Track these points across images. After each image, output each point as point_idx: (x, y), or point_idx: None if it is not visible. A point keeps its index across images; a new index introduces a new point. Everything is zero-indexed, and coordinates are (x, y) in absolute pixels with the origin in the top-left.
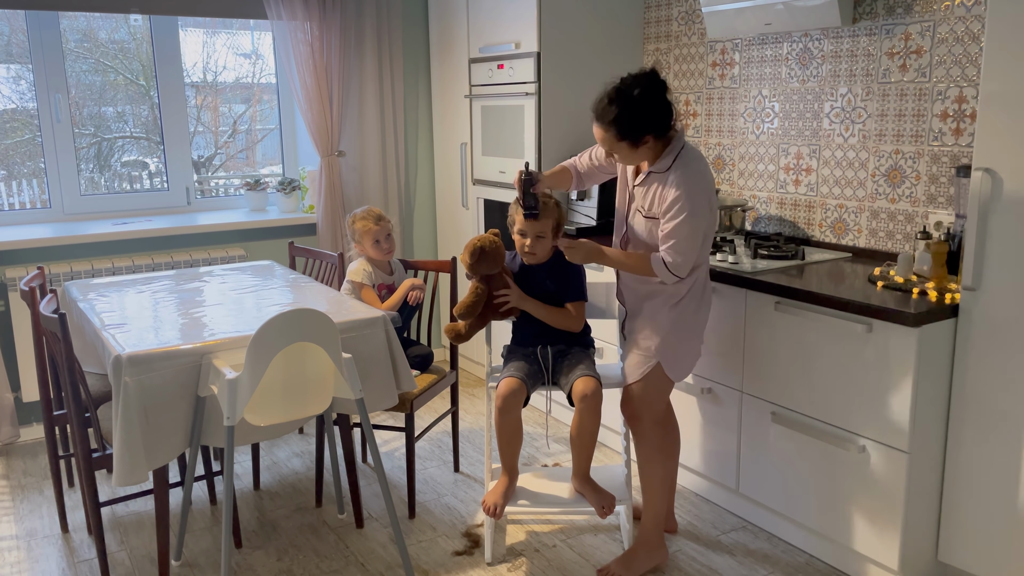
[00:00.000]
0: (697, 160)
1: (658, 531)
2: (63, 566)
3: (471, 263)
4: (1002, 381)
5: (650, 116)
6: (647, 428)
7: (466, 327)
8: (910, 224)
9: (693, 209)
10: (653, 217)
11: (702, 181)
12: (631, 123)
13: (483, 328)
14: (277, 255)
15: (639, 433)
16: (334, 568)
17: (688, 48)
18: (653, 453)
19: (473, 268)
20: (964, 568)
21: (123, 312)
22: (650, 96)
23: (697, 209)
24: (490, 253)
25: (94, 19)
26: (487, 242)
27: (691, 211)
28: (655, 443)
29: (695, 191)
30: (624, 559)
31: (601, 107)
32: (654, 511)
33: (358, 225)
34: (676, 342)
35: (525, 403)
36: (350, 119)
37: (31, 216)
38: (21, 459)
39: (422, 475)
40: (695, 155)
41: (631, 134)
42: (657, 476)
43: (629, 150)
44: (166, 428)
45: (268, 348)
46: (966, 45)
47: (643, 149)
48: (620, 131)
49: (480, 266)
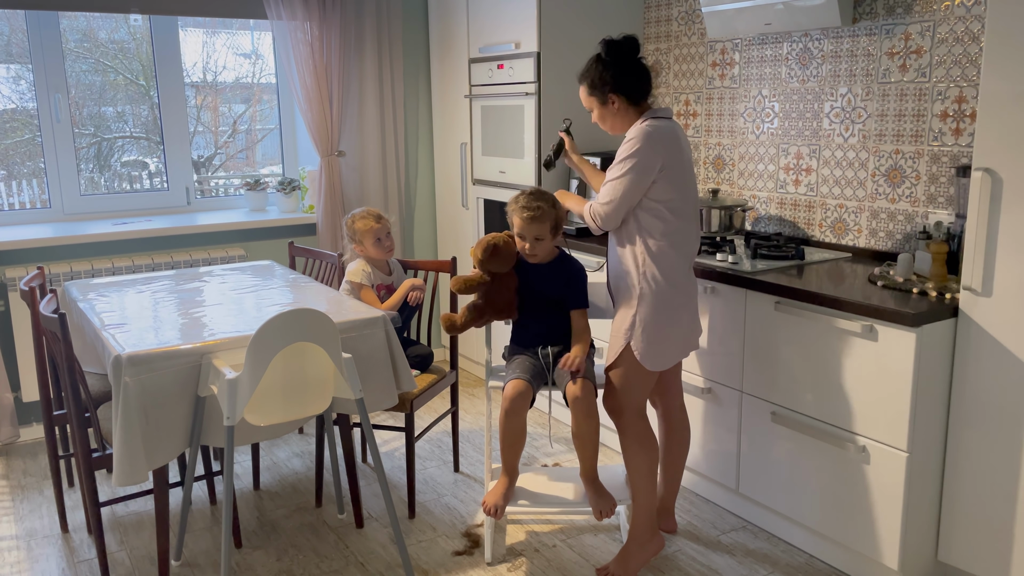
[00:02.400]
0: (661, 125)
1: (648, 524)
2: (63, 566)
3: (483, 258)
4: (1002, 381)
5: (616, 75)
6: (628, 421)
7: (462, 318)
8: (910, 224)
9: (634, 159)
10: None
11: (650, 140)
12: (599, 78)
13: (481, 325)
14: (277, 255)
15: (621, 427)
16: (334, 568)
17: (688, 48)
18: (635, 446)
19: (483, 264)
20: (964, 568)
21: (123, 312)
22: (619, 56)
23: (637, 160)
24: (503, 251)
25: (94, 19)
26: (501, 240)
27: (632, 160)
28: (637, 436)
29: (639, 148)
30: (620, 558)
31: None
32: (641, 504)
33: (359, 224)
34: (644, 325)
35: (531, 404)
36: (350, 119)
37: (31, 216)
38: (21, 459)
39: (422, 475)
40: (663, 123)
41: (598, 89)
42: (641, 469)
43: (600, 108)
44: (166, 428)
45: (268, 348)
46: (966, 45)
47: (613, 111)
48: (589, 86)
49: (491, 263)
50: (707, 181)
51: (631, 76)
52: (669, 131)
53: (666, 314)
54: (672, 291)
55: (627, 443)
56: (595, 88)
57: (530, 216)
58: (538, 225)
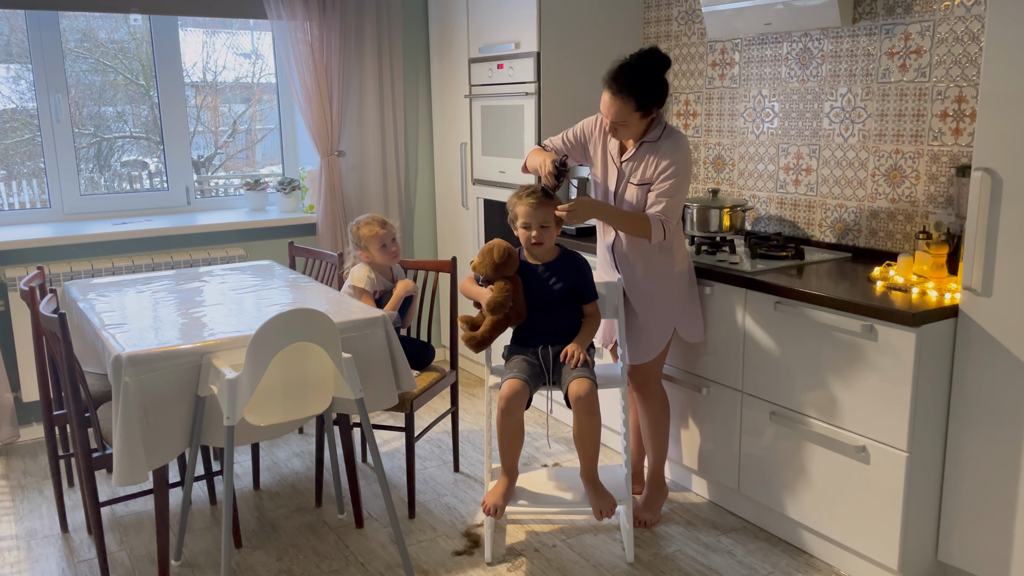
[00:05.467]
0: (681, 134)
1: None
2: (63, 566)
3: (498, 263)
4: (1002, 381)
5: (661, 90)
6: (655, 389)
7: (483, 333)
8: (910, 224)
9: (684, 173)
10: (645, 183)
11: (688, 153)
12: (650, 94)
13: (501, 333)
14: (277, 255)
15: (649, 395)
16: (334, 568)
17: (688, 48)
18: (661, 409)
19: (499, 269)
20: (964, 568)
21: (123, 312)
22: (661, 71)
23: (686, 174)
24: (513, 254)
25: (94, 19)
26: (508, 245)
27: (683, 175)
28: (662, 400)
29: (685, 159)
30: (647, 505)
31: (622, 77)
32: (661, 456)
33: (364, 231)
34: (686, 307)
35: (527, 405)
36: (350, 119)
37: (31, 216)
38: (21, 459)
39: (422, 475)
40: (678, 131)
41: (645, 104)
42: (664, 423)
43: (639, 121)
44: (166, 428)
45: (268, 348)
46: (966, 45)
47: (644, 121)
48: (639, 101)
49: (506, 267)
50: (707, 181)
51: (667, 90)
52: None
53: (693, 292)
54: (692, 272)
55: (653, 407)
56: (644, 104)
57: (536, 201)
58: (544, 211)
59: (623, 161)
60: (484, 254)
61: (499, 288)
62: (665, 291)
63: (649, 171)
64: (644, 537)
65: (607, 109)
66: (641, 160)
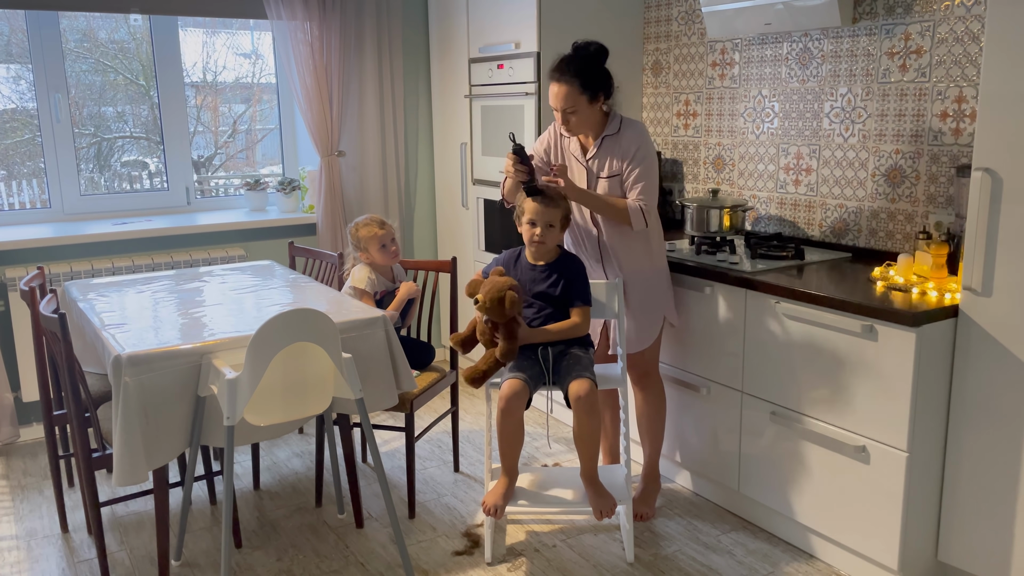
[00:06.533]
0: (639, 122)
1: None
2: (63, 566)
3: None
4: (1002, 381)
5: (604, 75)
6: (655, 379)
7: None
8: (910, 224)
9: (652, 156)
10: (615, 175)
11: (650, 138)
12: (592, 75)
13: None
14: (277, 255)
15: (649, 386)
16: (334, 568)
17: (688, 48)
18: (659, 401)
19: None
20: (964, 568)
21: (123, 312)
22: (602, 58)
23: (654, 156)
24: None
25: (94, 19)
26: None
27: (652, 157)
28: (661, 392)
29: (649, 143)
30: (643, 499)
31: (563, 65)
32: (658, 448)
33: (362, 232)
34: (669, 293)
35: (527, 405)
36: (350, 119)
37: (31, 216)
38: (21, 459)
39: (422, 475)
40: (636, 120)
41: (590, 86)
42: (662, 415)
43: (587, 106)
44: (166, 428)
45: (268, 348)
46: (966, 45)
47: (594, 110)
48: (583, 82)
49: (513, 309)
50: (707, 181)
51: (611, 79)
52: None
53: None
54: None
55: (653, 398)
56: (588, 87)
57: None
58: (552, 210)
59: (588, 159)
60: (493, 301)
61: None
62: (654, 276)
63: (616, 161)
64: (644, 537)
65: (555, 99)
66: (607, 153)
